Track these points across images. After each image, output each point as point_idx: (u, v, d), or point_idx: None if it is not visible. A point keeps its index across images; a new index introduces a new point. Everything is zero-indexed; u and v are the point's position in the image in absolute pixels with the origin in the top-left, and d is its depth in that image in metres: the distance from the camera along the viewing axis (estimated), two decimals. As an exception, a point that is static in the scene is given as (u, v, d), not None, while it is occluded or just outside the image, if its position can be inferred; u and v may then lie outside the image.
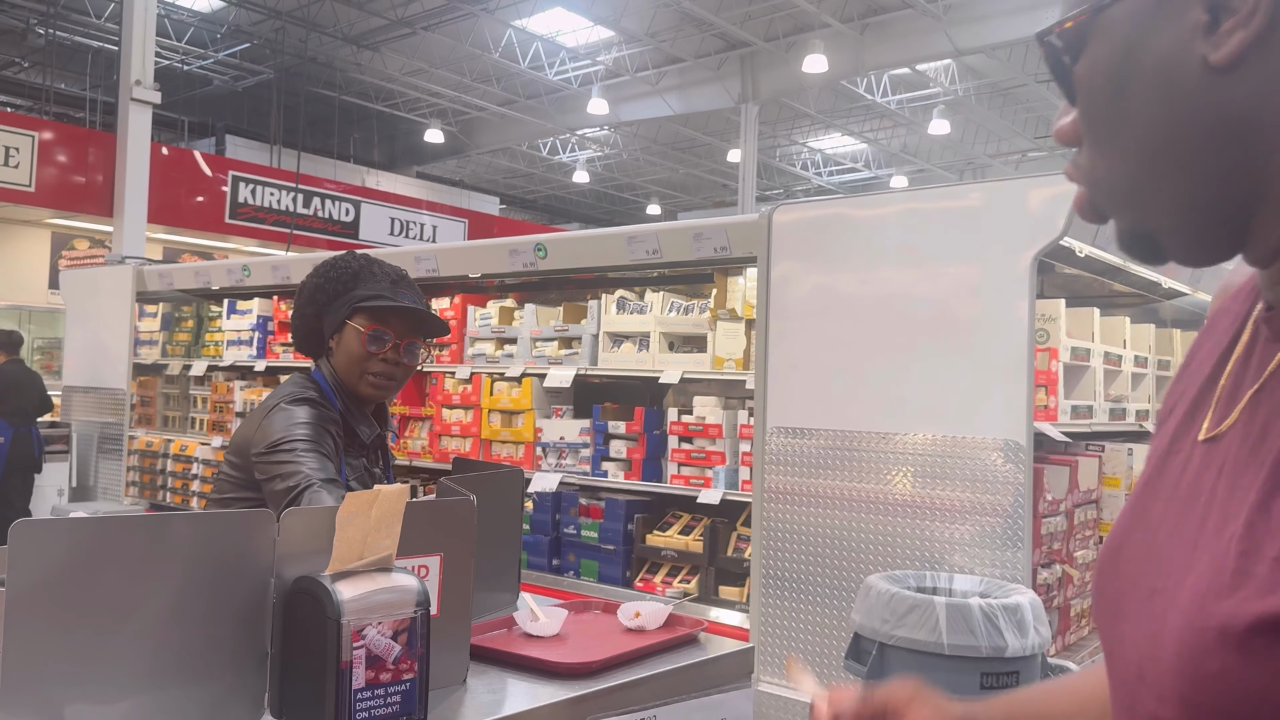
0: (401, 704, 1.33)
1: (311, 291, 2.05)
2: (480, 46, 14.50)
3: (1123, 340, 3.87)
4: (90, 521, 1.23)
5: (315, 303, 2.04)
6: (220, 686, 1.30)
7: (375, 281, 2.03)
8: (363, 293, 2.01)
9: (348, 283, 2.02)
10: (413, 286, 2.11)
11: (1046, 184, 2.76)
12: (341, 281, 2.03)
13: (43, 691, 1.15)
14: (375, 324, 1.99)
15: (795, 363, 3.20)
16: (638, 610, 1.93)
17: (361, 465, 2.02)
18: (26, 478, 7.37)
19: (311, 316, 2.05)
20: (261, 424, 1.90)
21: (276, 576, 1.34)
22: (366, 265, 2.06)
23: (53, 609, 1.16)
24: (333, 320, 2.02)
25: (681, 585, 3.79)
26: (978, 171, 20.41)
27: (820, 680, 1.18)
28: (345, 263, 2.06)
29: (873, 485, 2.99)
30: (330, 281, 2.03)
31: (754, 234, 3.36)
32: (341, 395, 2.03)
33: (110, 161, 10.67)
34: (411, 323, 2.04)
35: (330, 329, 2.03)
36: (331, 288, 2.03)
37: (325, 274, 2.05)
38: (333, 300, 2.02)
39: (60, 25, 13.61)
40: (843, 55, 13.63)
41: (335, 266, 2.05)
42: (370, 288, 2.02)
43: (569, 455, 4.14)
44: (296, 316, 2.10)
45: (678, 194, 23.69)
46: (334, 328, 2.02)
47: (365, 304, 1.99)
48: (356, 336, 1.99)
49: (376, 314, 2.00)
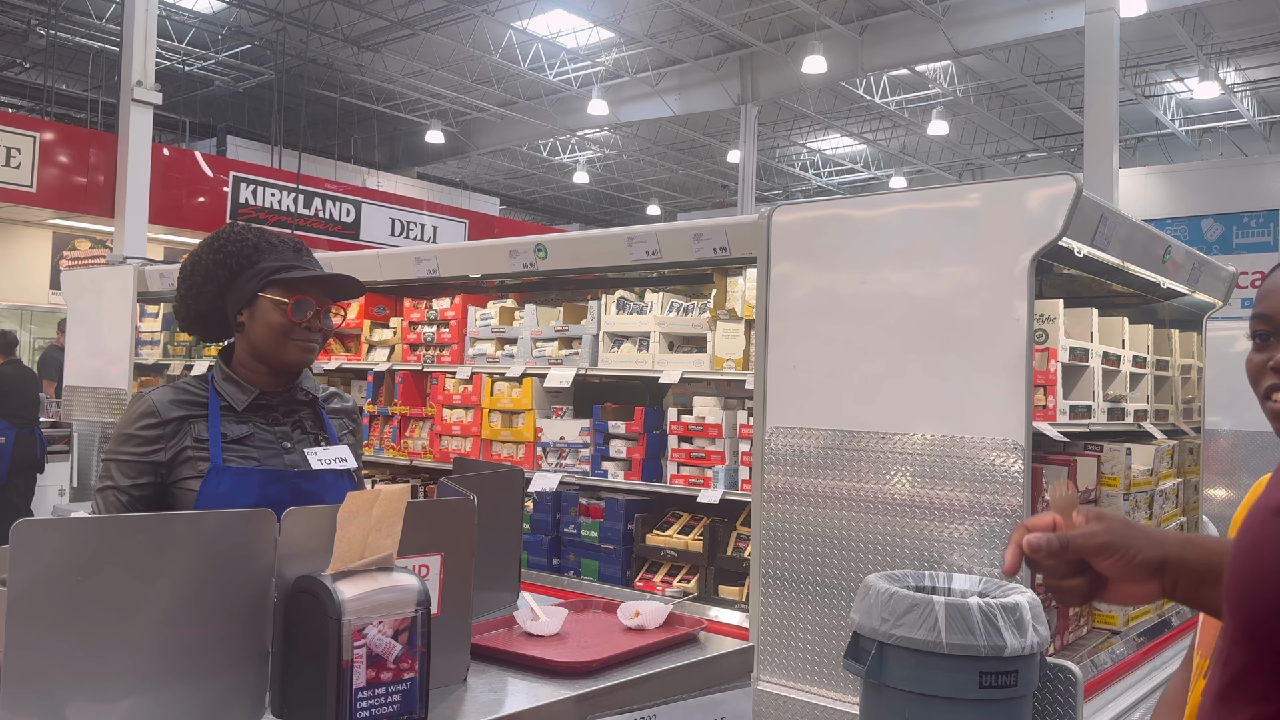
0: (402, 703, 1.33)
1: (210, 269, 2.01)
2: (481, 48, 14.51)
3: (1121, 340, 3.88)
4: (91, 521, 1.23)
5: (216, 279, 2.00)
6: (221, 685, 1.31)
7: (278, 252, 2.01)
8: (271, 264, 1.99)
9: (250, 255, 2.00)
10: (311, 254, 2.10)
11: (1045, 185, 2.76)
12: (244, 255, 1.99)
13: (45, 690, 1.16)
14: (298, 293, 1.98)
15: (795, 363, 3.21)
16: (638, 609, 1.94)
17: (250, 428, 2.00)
18: (29, 478, 7.38)
19: (213, 294, 2.01)
20: None
21: (278, 576, 1.34)
22: (263, 236, 2.03)
23: (54, 608, 1.17)
24: (240, 295, 1.99)
25: (681, 585, 3.79)
26: (977, 172, 20.42)
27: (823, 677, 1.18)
28: (241, 236, 2.02)
29: (872, 485, 2.99)
30: (230, 256, 2.00)
31: (753, 234, 3.36)
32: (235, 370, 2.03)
33: (111, 162, 10.68)
34: (326, 289, 2.04)
35: (238, 304, 2.00)
36: (233, 263, 1.99)
37: (222, 249, 2.01)
38: (237, 275, 1.99)
39: (61, 26, 13.61)
40: (842, 56, 13.64)
41: (232, 240, 2.01)
42: (276, 258, 2.00)
43: (569, 455, 4.14)
44: (192, 297, 2.04)
45: (677, 195, 23.69)
46: (243, 302, 1.99)
47: (280, 276, 1.97)
48: (277, 308, 1.97)
49: (293, 284, 1.99)
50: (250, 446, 1.98)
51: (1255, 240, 10.16)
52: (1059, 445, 3.19)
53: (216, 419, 1.97)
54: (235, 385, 2.02)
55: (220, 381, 2.02)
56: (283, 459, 2.00)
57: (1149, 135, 17.65)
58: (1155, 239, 3.51)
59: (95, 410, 6.13)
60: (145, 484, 1.93)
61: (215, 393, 2.01)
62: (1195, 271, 3.96)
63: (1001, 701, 2.36)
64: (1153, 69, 14.86)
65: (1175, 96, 16.11)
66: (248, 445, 1.98)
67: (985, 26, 12.60)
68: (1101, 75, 10.13)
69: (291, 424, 2.07)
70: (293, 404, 2.08)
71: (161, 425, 1.94)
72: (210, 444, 1.94)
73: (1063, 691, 2.65)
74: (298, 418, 2.09)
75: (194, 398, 2.00)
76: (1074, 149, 17.99)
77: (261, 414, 2.03)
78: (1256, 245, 10.10)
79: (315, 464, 2.00)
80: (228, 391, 2.01)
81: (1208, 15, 12.82)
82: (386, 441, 4.86)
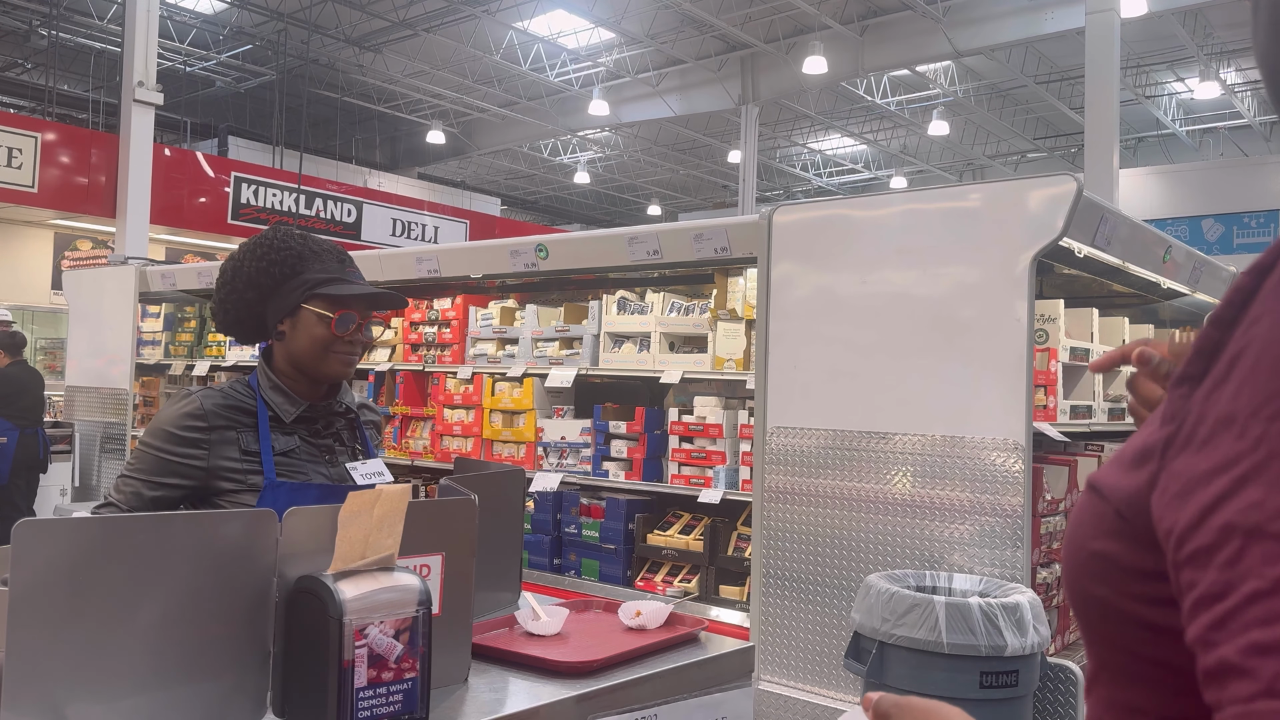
0: (403, 703, 1.33)
1: (253, 276, 1.96)
2: (482, 48, 14.52)
3: (1121, 340, 3.88)
4: (93, 521, 1.23)
5: (258, 287, 1.95)
6: (223, 685, 1.31)
7: (322, 262, 1.98)
8: (315, 276, 1.95)
9: (295, 265, 1.95)
10: (354, 263, 2.06)
11: (1046, 185, 2.76)
12: (288, 264, 1.95)
13: (46, 690, 1.16)
14: (343, 308, 1.95)
15: (795, 363, 3.21)
16: (638, 609, 1.94)
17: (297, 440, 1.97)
18: (31, 478, 7.38)
19: (254, 301, 1.97)
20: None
21: (279, 576, 1.35)
22: (307, 244, 1.99)
23: (56, 608, 1.17)
24: (282, 304, 1.95)
25: (682, 584, 3.79)
26: (977, 172, 20.42)
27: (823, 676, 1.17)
28: (285, 244, 1.98)
29: (872, 485, 2.99)
30: (274, 265, 1.95)
31: (754, 235, 3.36)
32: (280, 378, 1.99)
33: (113, 162, 10.70)
34: (369, 302, 2.01)
35: (280, 313, 1.96)
36: (277, 271, 1.95)
37: (266, 256, 1.96)
38: (281, 284, 1.95)
39: (63, 27, 13.63)
40: (842, 57, 13.65)
41: (276, 249, 1.97)
42: (320, 269, 1.96)
43: (570, 455, 4.15)
44: (232, 302, 1.99)
45: (678, 195, 23.70)
46: (285, 312, 1.95)
47: (325, 290, 1.94)
48: (321, 321, 1.94)
49: (339, 298, 1.95)
50: (298, 460, 1.96)
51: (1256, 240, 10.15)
52: (1059, 445, 3.19)
53: (267, 431, 1.93)
54: (284, 396, 1.98)
55: (268, 391, 1.98)
56: (330, 473, 1.99)
57: (1149, 135, 17.65)
58: (1156, 239, 3.51)
59: (97, 410, 6.13)
60: (171, 485, 1.88)
61: (264, 402, 1.97)
62: (1196, 272, 3.96)
63: (1002, 701, 2.37)
64: (1153, 69, 14.86)
65: (1176, 97, 16.12)
66: (294, 459, 1.96)
67: (986, 27, 12.61)
68: (1102, 75, 10.13)
69: (332, 437, 2.06)
70: (332, 415, 2.06)
71: (207, 431, 1.90)
72: (263, 458, 1.91)
73: (1063, 691, 2.65)
74: (335, 430, 2.07)
75: (243, 405, 1.95)
76: (1074, 149, 17.99)
77: (305, 425, 2.00)
78: (1257, 245, 10.09)
79: (359, 479, 1.98)
80: (276, 402, 1.97)
81: (1208, 15, 12.82)
82: (388, 441, 4.87)
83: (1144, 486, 0.58)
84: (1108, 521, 0.62)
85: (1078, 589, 0.65)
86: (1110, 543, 0.61)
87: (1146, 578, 0.59)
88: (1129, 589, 0.60)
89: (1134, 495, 0.59)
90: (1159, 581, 0.57)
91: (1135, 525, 0.59)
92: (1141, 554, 0.59)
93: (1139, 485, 0.59)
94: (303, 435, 1.99)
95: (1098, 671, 0.66)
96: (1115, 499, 0.61)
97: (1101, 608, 0.63)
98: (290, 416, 1.97)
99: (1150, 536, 0.58)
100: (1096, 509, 0.63)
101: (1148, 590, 0.59)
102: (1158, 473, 0.57)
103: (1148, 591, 0.59)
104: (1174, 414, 0.58)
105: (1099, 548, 0.62)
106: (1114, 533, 0.61)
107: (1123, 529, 0.60)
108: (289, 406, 1.98)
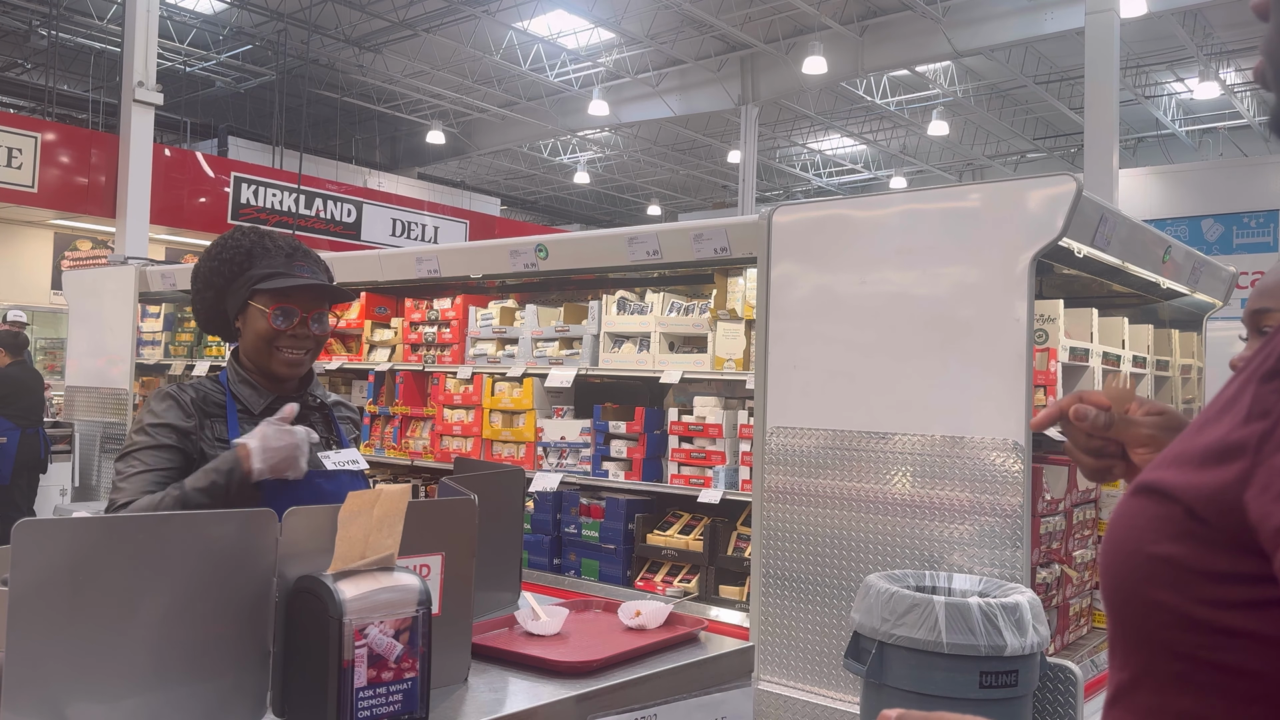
0: (403, 702, 1.33)
1: (207, 275, 2.02)
2: (481, 48, 14.52)
3: (1121, 340, 3.88)
4: (93, 521, 1.23)
5: (213, 286, 2.01)
6: (223, 685, 1.31)
7: (270, 257, 2.01)
8: (259, 271, 1.98)
9: (242, 263, 1.99)
10: (309, 256, 2.08)
11: (1045, 185, 2.76)
12: (236, 262, 1.99)
13: (46, 690, 1.16)
14: (279, 302, 1.97)
15: (795, 363, 3.21)
16: (638, 609, 1.94)
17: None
18: (32, 478, 7.38)
19: (212, 301, 2.03)
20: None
21: (279, 576, 1.35)
22: (259, 241, 2.03)
23: (56, 608, 1.17)
24: (234, 302, 2.00)
25: (682, 584, 3.79)
26: (977, 173, 20.41)
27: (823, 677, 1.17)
28: (236, 242, 2.02)
29: (872, 485, 2.99)
30: (224, 264, 2.00)
31: (754, 235, 3.36)
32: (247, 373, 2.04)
33: (113, 163, 10.69)
34: (314, 295, 2.02)
35: (233, 311, 2.01)
36: (227, 270, 2.00)
37: (218, 255, 2.02)
38: (230, 282, 2.00)
39: (63, 27, 13.62)
40: (842, 57, 13.64)
41: (227, 247, 2.02)
42: (266, 265, 1.99)
43: (570, 455, 4.14)
44: (197, 302, 2.07)
45: (678, 195, 23.69)
46: (237, 309, 2.00)
47: (264, 285, 1.97)
48: (261, 316, 1.97)
49: (278, 292, 1.97)
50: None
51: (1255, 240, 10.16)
52: (1059, 445, 3.18)
53: (235, 421, 1.98)
54: (251, 388, 2.02)
55: (236, 385, 2.03)
56: None
57: (1149, 135, 17.65)
58: (1155, 239, 3.51)
59: (97, 410, 6.13)
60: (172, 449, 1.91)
61: (231, 395, 2.01)
62: (1195, 272, 3.96)
63: (1002, 701, 2.37)
64: (1153, 69, 14.86)
65: (1175, 97, 16.11)
66: None
67: (985, 27, 12.60)
68: (1102, 75, 10.13)
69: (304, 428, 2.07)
70: (305, 409, 2.08)
71: (189, 417, 1.95)
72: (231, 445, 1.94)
73: (1063, 691, 2.65)
74: (310, 422, 2.08)
75: (213, 399, 2.00)
76: (1074, 149, 17.99)
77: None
78: (1256, 245, 10.10)
79: (330, 465, 2.00)
80: (244, 394, 2.02)
81: (1208, 15, 12.81)
82: (387, 441, 4.87)
83: (1232, 484, 0.56)
84: (1175, 524, 0.59)
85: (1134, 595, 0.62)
86: (1178, 546, 0.59)
87: (1221, 580, 0.57)
88: (1200, 593, 0.58)
89: (1215, 494, 0.57)
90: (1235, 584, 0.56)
91: (1213, 526, 0.57)
92: (1215, 556, 0.57)
93: (1223, 483, 0.57)
94: None
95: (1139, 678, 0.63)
96: (1188, 498, 0.59)
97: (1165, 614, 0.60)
98: (258, 407, 2.00)
99: (1230, 537, 0.56)
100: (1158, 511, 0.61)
101: (1222, 594, 0.57)
102: (1252, 469, 0.55)
103: (1222, 595, 0.57)
104: (1267, 409, 0.56)
105: (1164, 551, 0.60)
106: (1182, 535, 0.59)
107: (1193, 530, 0.58)
108: (256, 398, 2.02)
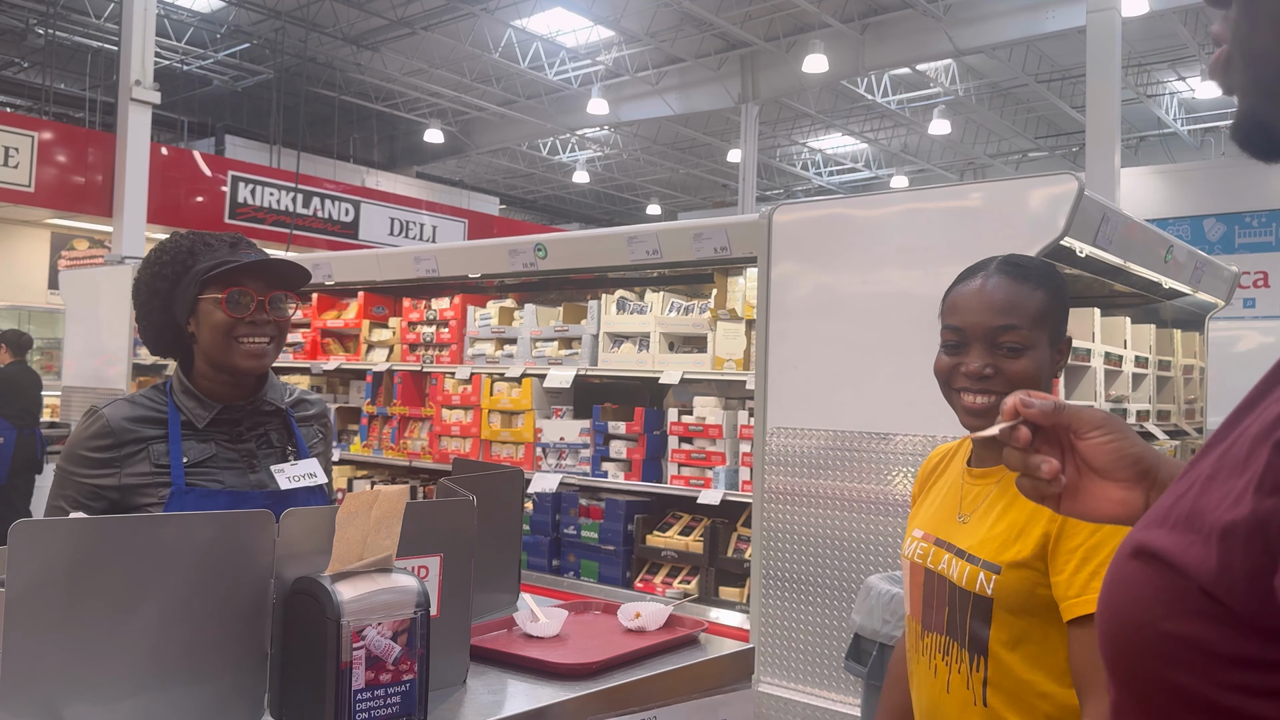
0: (401, 705, 1.33)
1: (150, 283, 1.93)
2: (480, 46, 14.51)
3: (1123, 340, 3.87)
4: (90, 522, 1.23)
5: (158, 294, 1.92)
6: (220, 687, 1.30)
7: (213, 250, 1.92)
8: (205, 264, 1.89)
9: (185, 261, 1.91)
10: (253, 245, 2.00)
11: (1047, 184, 2.76)
12: (179, 263, 1.91)
13: (42, 691, 1.15)
14: (231, 286, 1.88)
15: (795, 363, 3.20)
16: (638, 611, 1.93)
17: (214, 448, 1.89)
18: (29, 479, 7.38)
19: (159, 310, 1.93)
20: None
21: (276, 577, 1.34)
22: (199, 239, 1.96)
23: (53, 609, 1.16)
24: (184, 303, 1.90)
25: (682, 586, 3.78)
26: (978, 172, 20.42)
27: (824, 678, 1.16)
28: (175, 244, 1.94)
29: (873, 485, 2.99)
30: (165, 267, 1.92)
31: (754, 234, 3.36)
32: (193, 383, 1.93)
33: (110, 162, 10.68)
34: (267, 278, 1.93)
35: (184, 313, 1.91)
36: (169, 272, 1.91)
37: (158, 261, 1.93)
38: (175, 285, 1.91)
39: (60, 25, 13.61)
40: (843, 55, 13.64)
41: (166, 250, 1.94)
42: (210, 257, 1.91)
43: (569, 456, 4.13)
44: (143, 317, 1.96)
45: (678, 194, 23.69)
46: (187, 310, 1.90)
47: (213, 273, 1.88)
48: (215, 307, 1.87)
49: (229, 278, 1.88)
50: (214, 468, 1.88)
51: (1257, 240, 10.16)
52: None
53: (178, 438, 1.87)
54: (195, 400, 1.90)
55: (180, 395, 1.91)
56: (248, 479, 1.91)
57: (1151, 134, 17.65)
58: (1157, 239, 3.50)
59: (94, 410, 6.12)
60: (91, 507, 1.82)
61: (175, 407, 1.90)
62: (1197, 271, 3.96)
63: (1003, 703, 2.35)
64: (1155, 68, 14.86)
65: (1177, 95, 16.11)
66: (211, 466, 1.88)
67: (987, 25, 12.60)
68: (1103, 74, 10.13)
69: (257, 439, 1.97)
70: (258, 416, 1.97)
71: (115, 448, 1.83)
72: (172, 467, 1.84)
73: (1064, 692, 2.64)
74: (263, 431, 1.98)
75: (153, 414, 1.88)
76: (1076, 148, 17.99)
77: (225, 429, 1.93)
78: (1259, 245, 10.10)
79: (284, 483, 1.92)
80: (188, 407, 1.90)
81: (1210, 14, 12.80)
82: (385, 442, 4.86)
83: (1258, 568, 0.51)
84: (1189, 601, 0.54)
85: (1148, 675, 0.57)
86: (1196, 625, 0.54)
87: (1250, 667, 0.52)
88: (1226, 679, 0.53)
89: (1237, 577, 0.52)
90: (1268, 671, 0.51)
91: (1238, 610, 0.52)
92: (1242, 640, 0.52)
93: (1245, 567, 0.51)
94: (221, 441, 1.91)
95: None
96: (1201, 579, 0.53)
97: (1188, 697, 0.55)
98: (203, 421, 1.89)
99: (1261, 622, 0.51)
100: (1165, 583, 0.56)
101: (1252, 681, 0.52)
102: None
103: (1253, 682, 0.52)
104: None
105: (1179, 630, 0.54)
106: (1200, 614, 0.53)
107: (1212, 611, 0.53)
108: (201, 411, 1.90)
